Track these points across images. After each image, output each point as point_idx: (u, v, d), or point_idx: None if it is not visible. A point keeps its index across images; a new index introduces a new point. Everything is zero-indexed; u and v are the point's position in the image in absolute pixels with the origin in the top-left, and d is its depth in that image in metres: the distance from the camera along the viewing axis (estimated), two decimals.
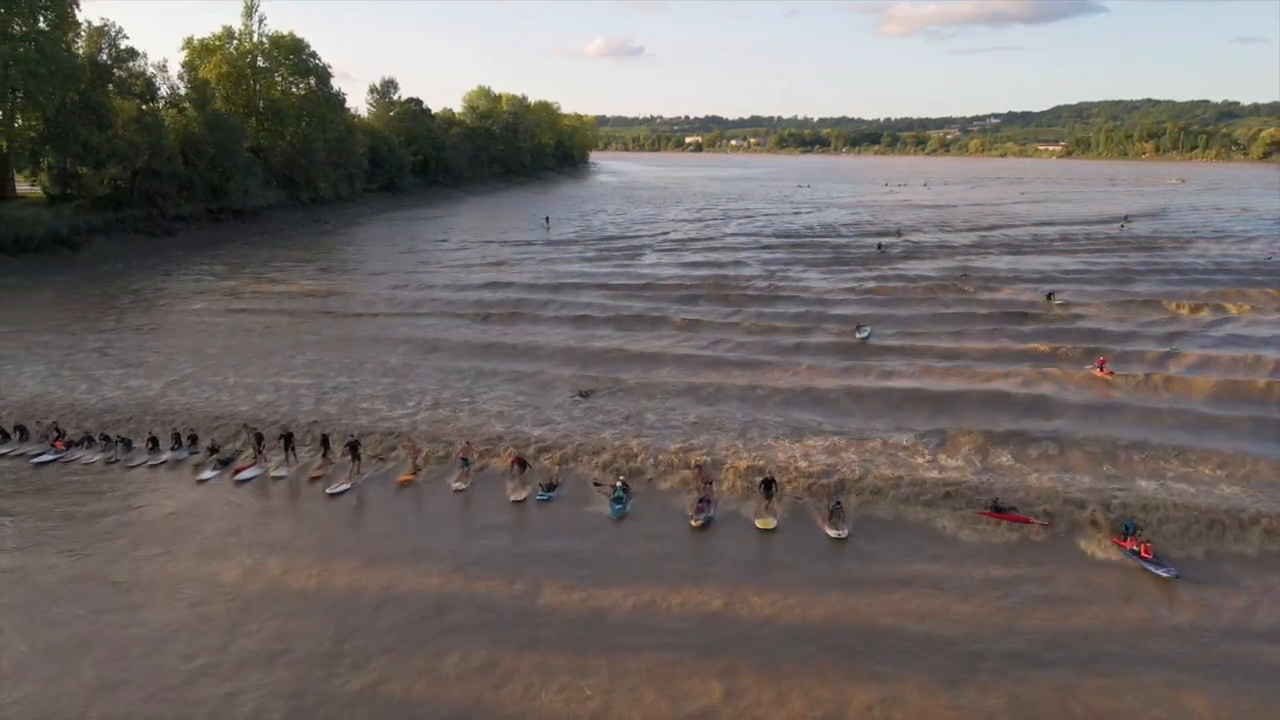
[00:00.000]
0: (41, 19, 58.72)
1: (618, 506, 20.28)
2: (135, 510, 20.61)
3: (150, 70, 72.82)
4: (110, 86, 65.47)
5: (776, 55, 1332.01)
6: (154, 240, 65.29)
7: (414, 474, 22.56)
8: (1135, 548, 17.12)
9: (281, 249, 67.89)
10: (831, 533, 18.85)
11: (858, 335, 37.05)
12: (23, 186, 67.31)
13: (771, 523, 19.39)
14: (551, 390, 29.46)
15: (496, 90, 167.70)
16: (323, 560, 17.85)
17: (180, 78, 79.61)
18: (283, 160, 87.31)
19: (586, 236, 75.21)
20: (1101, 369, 30.71)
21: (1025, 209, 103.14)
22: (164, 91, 76.00)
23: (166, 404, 27.93)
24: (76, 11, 61.38)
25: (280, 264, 59.27)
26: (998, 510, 19.32)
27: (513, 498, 21.24)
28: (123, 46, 67.93)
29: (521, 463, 22.30)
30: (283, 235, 76.98)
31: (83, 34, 64.42)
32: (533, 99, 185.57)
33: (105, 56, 66.69)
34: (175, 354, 34.48)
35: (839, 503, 19.76)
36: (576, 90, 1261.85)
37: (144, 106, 67.29)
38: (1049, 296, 44.09)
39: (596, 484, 21.74)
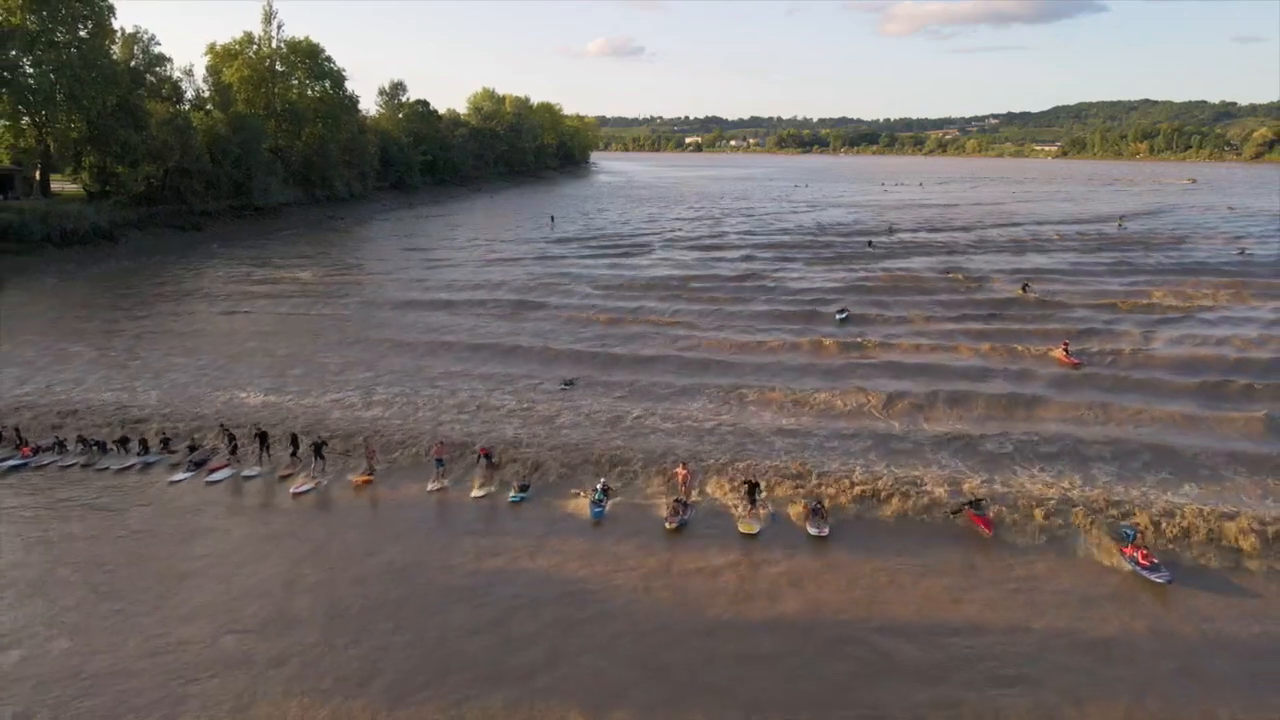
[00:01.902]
0: (82, 28, 62.61)
1: (597, 510, 19.96)
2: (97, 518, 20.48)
3: (176, 74, 76.93)
4: (141, 90, 69.40)
5: (777, 55, 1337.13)
6: (184, 234, 69.38)
7: (370, 475, 22.27)
8: (1134, 554, 17.41)
9: (300, 245, 71.35)
10: (813, 531, 18.88)
11: (837, 317, 40.48)
12: (55, 185, 71.21)
13: (755, 527, 19.10)
14: (544, 386, 30.15)
15: (498, 90, 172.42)
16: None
17: (205, 81, 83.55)
18: (300, 160, 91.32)
19: (590, 235, 77.68)
20: (1066, 355, 32.64)
21: (1022, 208, 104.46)
22: (189, 94, 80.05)
23: (187, 400, 28.78)
24: (113, 20, 65.40)
25: (298, 260, 62.46)
26: (967, 508, 19.56)
27: (474, 493, 21.05)
28: (153, 52, 71.78)
29: (488, 455, 22.08)
30: (301, 231, 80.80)
31: (117, 41, 68.44)
32: (534, 99, 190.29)
33: (136, 62, 70.64)
34: (198, 352, 35.55)
35: (820, 502, 19.76)
36: (577, 90, 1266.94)
37: (172, 109, 71.21)
38: (1024, 288, 46.50)
39: (597, 488, 21.14)
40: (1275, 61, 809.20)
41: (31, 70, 59.63)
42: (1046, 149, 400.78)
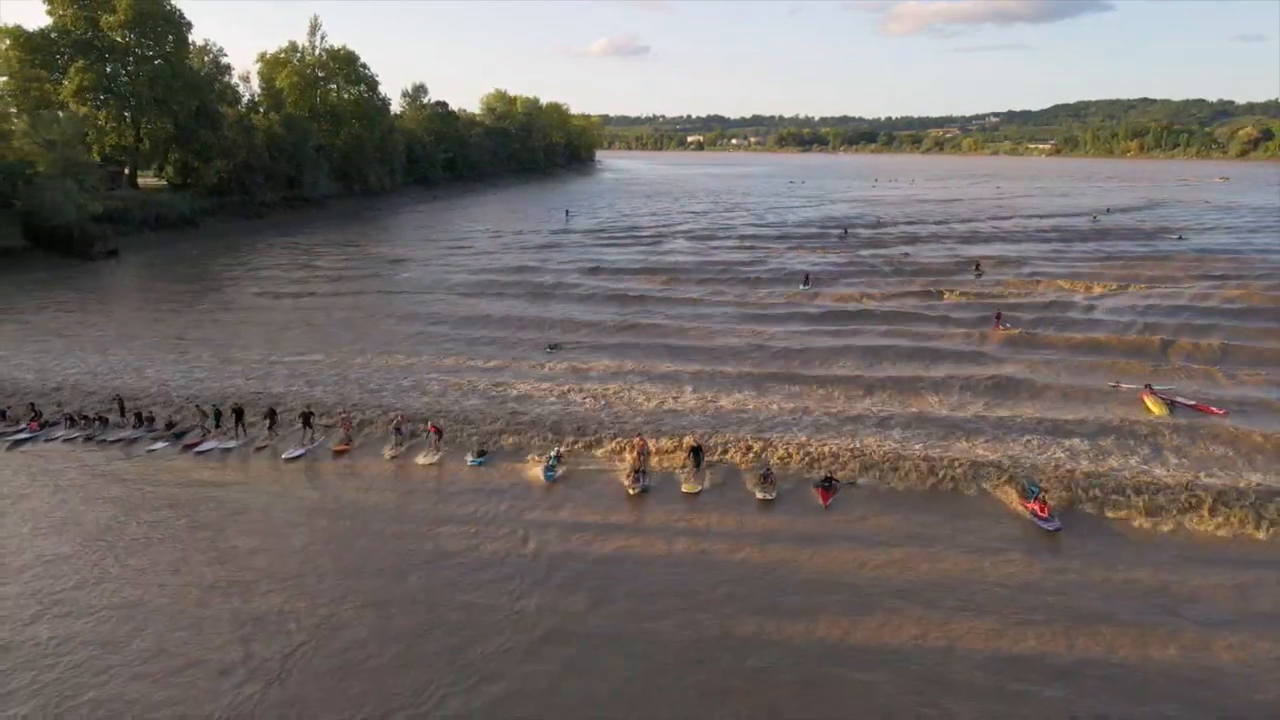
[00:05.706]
0: (166, 44, 72.46)
1: (549, 473, 21.58)
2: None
3: (235, 81, 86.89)
4: (213, 95, 79.35)
5: (779, 54, 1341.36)
6: (249, 222, 79.49)
7: (347, 444, 23.84)
8: (1034, 507, 18.95)
9: (344, 233, 79.86)
10: (760, 495, 20.30)
11: (801, 288, 46.62)
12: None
13: (697, 487, 20.70)
14: (535, 356, 32.98)
15: (504, 90, 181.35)
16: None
17: (260, 86, 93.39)
18: (339, 157, 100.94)
19: (601, 227, 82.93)
20: (998, 325, 36.20)
21: (1007, 204, 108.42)
22: (245, 99, 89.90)
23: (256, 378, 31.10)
24: (190, 35, 75.34)
25: (344, 246, 69.89)
26: (819, 485, 20.62)
27: (422, 460, 22.63)
28: (221, 62, 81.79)
29: (439, 431, 23.65)
30: (343, 221, 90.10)
31: (191, 52, 78.34)
32: (539, 98, 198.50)
33: (207, 71, 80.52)
34: (258, 333, 38.46)
35: (769, 469, 21.23)
36: (580, 89, 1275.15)
37: (238, 111, 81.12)
38: (976, 267, 51.89)
39: (551, 455, 22.50)
40: (1276, 60, 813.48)
41: (128, 80, 69.49)
42: (1041, 147, 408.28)
